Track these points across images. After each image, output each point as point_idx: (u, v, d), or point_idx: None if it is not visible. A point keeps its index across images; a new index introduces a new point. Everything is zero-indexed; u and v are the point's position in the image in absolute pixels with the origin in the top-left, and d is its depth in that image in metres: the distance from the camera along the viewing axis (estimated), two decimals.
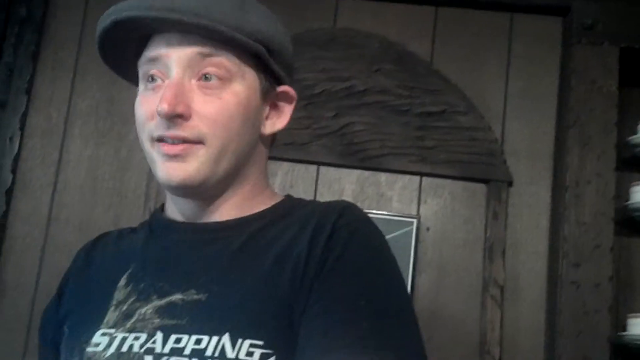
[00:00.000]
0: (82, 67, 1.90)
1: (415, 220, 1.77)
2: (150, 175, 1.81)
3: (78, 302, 0.79)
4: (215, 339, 0.66)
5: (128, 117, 1.86)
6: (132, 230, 0.86)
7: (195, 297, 0.70)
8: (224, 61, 0.73)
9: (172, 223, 0.79)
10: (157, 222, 0.82)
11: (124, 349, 0.69)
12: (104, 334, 0.71)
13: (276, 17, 0.79)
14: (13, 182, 1.83)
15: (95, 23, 0.75)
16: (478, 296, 1.75)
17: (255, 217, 0.78)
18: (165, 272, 0.74)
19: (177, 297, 0.71)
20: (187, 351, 0.66)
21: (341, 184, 1.82)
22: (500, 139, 1.83)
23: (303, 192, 1.80)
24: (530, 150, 1.83)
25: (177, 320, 0.69)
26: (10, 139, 1.84)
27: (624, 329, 1.76)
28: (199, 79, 0.73)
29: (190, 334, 0.67)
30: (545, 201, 1.81)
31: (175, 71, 0.72)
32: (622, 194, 1.82)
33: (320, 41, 1.86)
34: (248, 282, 0.70)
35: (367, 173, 1.82)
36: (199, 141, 0.72)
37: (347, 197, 1.80)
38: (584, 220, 1.78)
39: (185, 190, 0.74)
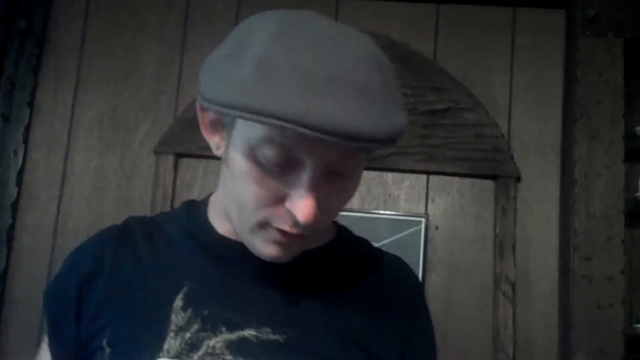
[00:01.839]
0: (84, 78, 1.90)
1: (423, 219, 1.76)
2: (156, 183, 1.80)
3: (119, 315, 0.70)
4: None
5: (132, 126, 1.86)
6: (156, 225, 0.77)
7: (272, 337, 0.67)
8: (360, 157, 0.65)
9: (236, 244, 0.71)
10: (209, 236, 0.74)
11: None
12: None
13: None
14: (18, 195, 1.83)
15: (95, 34, 0.68)
16: (490, 293, 1.73)
17: (317, 251, 0.74)
18: (233, 300, 0.69)
19: (249, 332, 0.67)
20: None
21: None
22: (507, 134, 1.82)
23: None
24: (538, 144, 1.82)
25: (254, 358, 0.66)
26: (14, 152, 1.84)
27: (638, 321, 1.74)
28: (332, 173, 0.63)
29: None
30: (555, 195, 1.80)
31: (315, 171, 0.61)
32: (632, 185, 1.81)
33: None
34: (327, 328, 0.70)
35: (373, 173, 1.81)
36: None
37: (354, 198, 1.79)
38: (594, 214, 1.77)
39: None
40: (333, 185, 0.63)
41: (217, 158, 0.68)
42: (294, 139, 0.59)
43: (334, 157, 0.61)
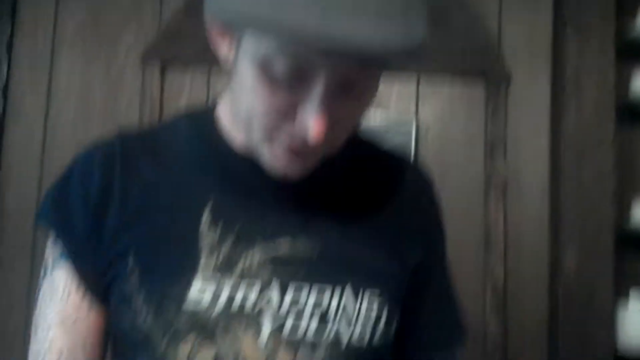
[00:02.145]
0: None
1: (414, 122, 1.75)
2: (143, 94, 1.78)
3: (140, 240, 0.67)
4: (338, 289, 0.66)
5: (116, 38, 1.82)
6: (157, 141, 0.72)
7: (308, 243, 0.68)
8: (376, 71, 0.62)
9: (254, 159, 0.68)
10: (225, 152, 0.71)
11: (235, 307, 0.64)
12: (204, 286, 0.64)
13: None
14: (4, 111, 1.80)
15: None
16: (481, 193, 1.74)
17: (333, 162, 0.69)
18: (262, 213, 0.68)
19: (285, 241, 0.67)
20: (310, 302, 0.66)
21: None
22: (497, 36, 1.79)
23: None
24: (528, 45, 1.80)
25: (292, 268, 0.66)
26: None
27: (629, 219, 1.76)
28: (346, 87, 0.60)
29: (311, 284, 0.66)
30: (545, 96, 1.79)
31: (327, 86, 0.58)
32: (623, 84, 1.79)
33: None
34: (358, 232, 0.71)
35: None
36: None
37: None
38: (585, 113, 1.77)
39: None
40: (347, 100, 0.60)
41: (204, 69, 0.62)
42: (306, 53, 0.56)
43: (347, 72, 0.58)
